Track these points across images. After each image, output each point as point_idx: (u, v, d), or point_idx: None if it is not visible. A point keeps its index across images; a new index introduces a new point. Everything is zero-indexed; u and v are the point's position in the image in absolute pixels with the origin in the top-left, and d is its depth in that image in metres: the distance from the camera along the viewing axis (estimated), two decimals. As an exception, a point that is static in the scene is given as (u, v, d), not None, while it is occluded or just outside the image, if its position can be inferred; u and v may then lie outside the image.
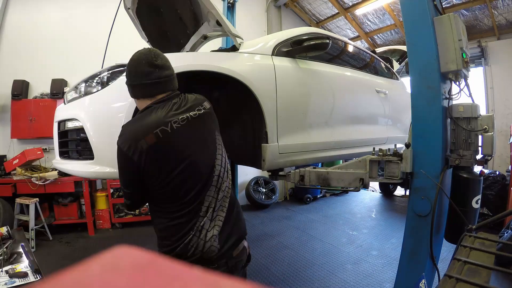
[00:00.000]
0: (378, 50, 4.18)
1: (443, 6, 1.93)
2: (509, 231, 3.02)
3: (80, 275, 0.20)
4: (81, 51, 4.79)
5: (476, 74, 5.50)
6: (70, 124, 1.70)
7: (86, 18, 4.94)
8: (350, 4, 6.10)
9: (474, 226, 1.18)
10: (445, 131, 1.72)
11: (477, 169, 1.87)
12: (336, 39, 2.78)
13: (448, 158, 1.74)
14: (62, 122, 1.75)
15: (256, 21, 6.30)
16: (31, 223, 3.70)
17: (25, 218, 3.76)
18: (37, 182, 3.98)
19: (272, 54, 2.11)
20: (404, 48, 3.83)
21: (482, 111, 1.77)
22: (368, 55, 3.28)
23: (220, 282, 0.21)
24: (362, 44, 6.84)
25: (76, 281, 0.20)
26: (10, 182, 4.01)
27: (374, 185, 7.07)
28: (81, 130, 1.61)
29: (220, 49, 3.79)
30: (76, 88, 1.74)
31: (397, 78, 3.66)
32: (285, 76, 2.07)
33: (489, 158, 1.71)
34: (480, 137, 1.71)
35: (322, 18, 6.82)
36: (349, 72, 2.73)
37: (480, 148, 1.72)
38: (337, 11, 6.35)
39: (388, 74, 3.47)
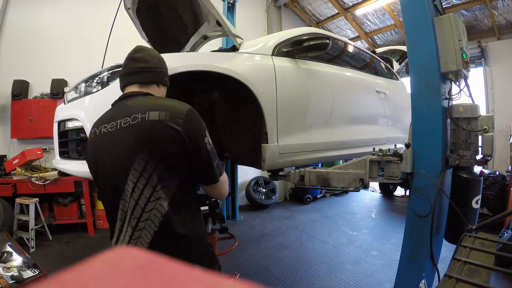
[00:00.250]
0: (378, 51, 4.18)
1: (443, 6, 1.93)
2: (509, 231, 3.02)
3: (80, 275, 0.20)
4: (81, 51, 4.79)
5: (476, 75, 5.50)
6: (70, 124, 1.70)
7: (86, 18, 4.94)
8: (350, 4, 6.10)
9: (474, 226, 1.18)
10: (445, 132, 1.72)
11: (477, 170, 1.87)
12: (336, 39, 2.78)
13: (448, 158, 1.74)
14: (62, 122, 1.75)
15: (256, 21, 6.30)
16: (31, 223, 3.70)
17: (25, 218, 3.76)
18: (37, 182, 3.98)
19: (272, 54, 2.11)
20: (404, 49, 3.84)
21: (482, 111, 1.78)
22: (368, 55, 3.28)
23: (220, 282, 0.21)
24: (362, 45, 6.84)
25: (76, 281, 0.20)
26: (10, 182, 4.01)
27: (374, 185, 7.07)
28: (81, 130, 1.62)
29: (220, 49, 3.79)
30: (76, 88, 1.74)
31: (397, 78, 3.66)
32: (285, 76, 2.07)
33: (489, 159, 1.71)
34: (480, 137, 1.71)
35: (322, 18, 6.82)
36: (349, 72, 2.73)
37: (480, 148, 1.72)
38: (337, 11, 6.36)
39: (388, 74, 3.47)
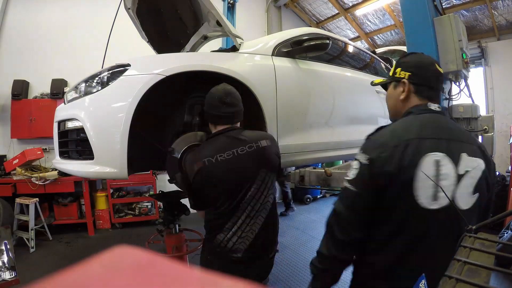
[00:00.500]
0: (378, 51, 4.19)
1: (443, 7, 1.93)
2: (509, 232, 3.02)
3: (80, 275, 0.20)
4: (81, 51, 4.80)
5: (476, 75, 5.50)
6: (70, 124, 1.69)
7: (86, 18, 4.94)
8: (350, 5, 6.10)
9: (474, 227, 1.18)
10: (445, 132, 1.72)
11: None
12: (336, 40, 2.78)
13: (448, 159, 1.74)
14: (62, 122, 1.75)
15: (256, 22, 6.31)
16: (31, 223, 3.70)
17: (25, 218, 3.76)
18: (37, 182, 3.98)
19: (272, 55, 2.11)
20: (404, 49, 3.84)
21: (482, 112, 1.78)
22: (368, 56, 3.28)
23: (220, 282, 0.21)
24: (362, 45, 6.84)
25: (76, 281, 0.20)
26: (10, 182, 4.02)
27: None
28: (81, 130, 1.61)
29: (220, 49, 3.79)
30: (76, 88, 1.74)
31: (397, 79, 3.65)
32: (285, 77, 2.06)
33: (489, 159, 1.71)
34: (480, 138, 1.71)
35: (322, 19, 6.83)
36: (349, 73, 2.73)
37: (480, 149, 1.72)
38: (337, 12, 6.36)
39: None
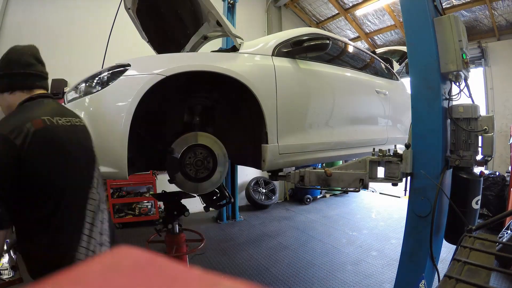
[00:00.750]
0: (378, 51, 4.18)
1: (443, 7, 1.93)
2: (509, 232, 3.02)
3: (80, 275, 0.20)
4: (81, 51, 4.80)
5: (476, 75, 5.50)
6: (70, 124, 1.69)
7: (86, 18, 4.94)
8: (350, 5, 6.10)
9: (474, 227, 1.18)
10: (445, 132, 1.72)
11: (477, 170, 1.87)
12: (336, 40, 2.78)
13: (448, 159, 1.74)
14: (62, 122, 1.75)
15: (256, 22, 6.31)
16: (31, 223, 3.70)
17: (25, 218, 3.76)
18: (37, 182, 3.98)
19: (272, 55, 2.11)
20: (404, 49, 3.84)
21: (482, 112, 1.78)
22: (368, 56, 3.29)
23: (220, 282, 0.21)
24: (362, 45, 6.84)
25: (76, 281, 0.20)
26: (10, 182, 4.01)
27: (374, 186, 7.07)
28: (81, 130, 1.61)
29: (220, 50, 3.79)
30: (76, 88, 1.74)
31: (397, 79, 3.66)
32: (285, 77, 2.07)
33: (489, 159, 1.71)
34: (480, 138, 1.71)
35: (322, 19, 6.83)
36: (349, 73, 2.73)
37: (480, 149, 1.72)
38: (337, 12, 6.36)
39: (388, 75, 3.47)
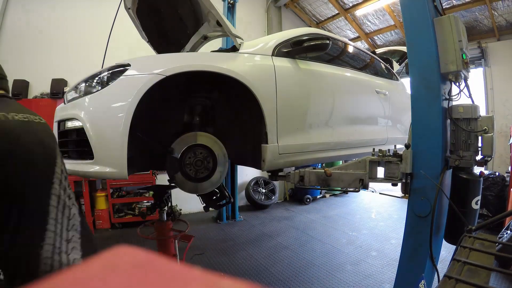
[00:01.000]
0: (378, 51, 4.18)
1: (443, 7, 1.93)
2: (509, 232, 3.02)
3: (80, 275, 0.20)
4: (81, 51, 4.79)
5: (476, 75, 5.50)
6: (70, 124, 1.69)
7: (86, 18, 4.94)
8: (350, 5, 6.11)
9: (474, 227, 1.18)
10: (445, 132, 1.72)
11: (477, 170, 1.87)
12: (336, 40, 2.78)
13: (448, 159, 1.74)
14: (62, 122, 1.75)
15: (256, 22, 6.31)
16: (31, 223, 3.70)
17: (25, 218, 3.76)
18: (37, 182, 3.98)
19: (272, 55, 2.11)
20: (404, 49, 3.84)
21: (482, 112, 1.78)
22: (368, 56, 3.29)
23: (220, 282, 0.20)
24: (362, 45, 6.85)
25: (76, 281, 0.20)
26: (10, 182, 4.01)
27: (374, 186, 7.07)
28: (81, 130, 1.61)
29: (220, 50, 3.79)
30: (76, 88, 1.74)
31: (397, 79, 3.66)
32: (285, 77, 2.07)
33: (489, 159, 1.71)
34: (480, 138, 1.71)
35: (322, 19, 6.83)
36: (349, 73, 2.73)
37: (480, 149, 1.72)
38: (337, 12, 6.36)
39: (388, 75, 3.47)
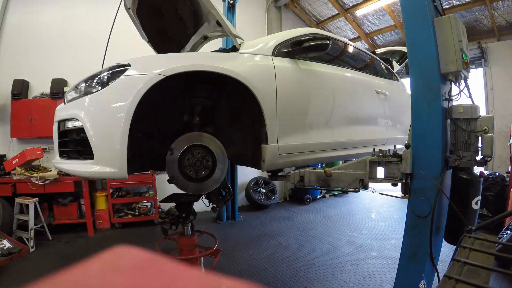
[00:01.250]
0: (378, 51, 4.18)
1: (443, 7, 1.93)
2: (509, 232, 3.02)
3: (80, 275, 0.20)
4: (81, 51, 4.79)
5: (476, 75, 5.50)
6: (70, 124, 1.70)
7: (86, 18, 4.94)
8: (350, 5, 6.10)
9: (474, 227, 1.18)
10: (445, 132, 1.72)
11: (477, 170, 1.87)
12: (336, 40, 2.78)
13: (448, 159, 1.74)
14: (62, 122, 1.75)
15: (256, 22, 6.31)
16: (31, 223, 3.70)
17: (25, 218, 3.76)
18: (37, 182, 3.98)
19: (272, 55, 2.11)
20: (404, 49, 3.84)
21: (482, 112, 1.78)
22: (368, 56, 3.28)
23: (220, 282, 0.21)
24: (362, 45, 6.85)
25: (76, 281, 0.20)
26: (10, 182, 4.01)
27: (374, 186, 7.07)
28: (81, 130, 1.61)
29: (220, 50, 3.79)
30: (76, 88, 1.74)
31: (397, 79, 3.66)
32: (285, 77, 2.07)
33: (489, 159, 1.71)
34: (480, 138, 1.71)
35: (322, 19, 6.83)
36: (349, 73, 2.73)
37: (480, 149, 1.72)
38: (337, 12, 6.36)
39: (388, 75, 3.47)
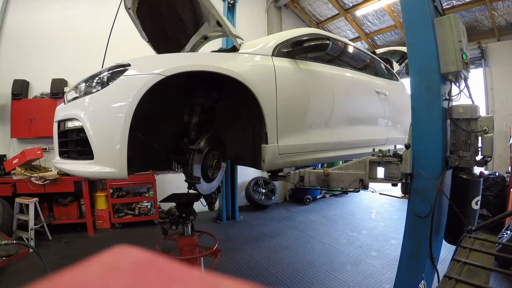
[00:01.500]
0: (378, 51, 4.18)
1: (443, 7, 1.93)
2: (509, 232, 3.02)
3: (80, 275, 0.20)
4: (82, 51, 4.80)
5: (476, 76, 5.50)
6: (70, 124, 1.69)
7: (86, 18, 4.94)
8: (351, 5, 6.11)
9: (474, 227, 1.18)
10: (445, 132, 1.72)
11: (477, 170, 1.87)
12: (336, 40, 2.78)
13: (448, 159, 1.74)
14: (62, 122, 1.75)
15: (257, 22, 6.31)
16: (31, 223, 3.70)
17: (25, 218, 3.76)
18: (37, 182, 3.98)
19: (272, 55, 2.11)
20: (404, 49, 3.84)
21: (482, 113, 1.78)
22: (368, 56, 3.28)
23: (220, 282, 0.21)
24: (362, 45, 6.85)
25: (76, 281, 0.20)
26: (10, 182, 4.01)
27: (374, 186, 7.07)
28: (81, 130, 1.61)
29: (220, 50, 3.79)
30: (76, 88, 1.74)
31: (397, 79, 3.66)
32: (285, 77, 2.07)
33: (489, 159, 1.71)
34: (480, 138, 1.71)
35: (322, 19, 6.83)
36: (349, 73, 2.73)
37: (480, 149, 1.72)
38: (337, 12, 6.36)
39: (388, 75, 3.47)
